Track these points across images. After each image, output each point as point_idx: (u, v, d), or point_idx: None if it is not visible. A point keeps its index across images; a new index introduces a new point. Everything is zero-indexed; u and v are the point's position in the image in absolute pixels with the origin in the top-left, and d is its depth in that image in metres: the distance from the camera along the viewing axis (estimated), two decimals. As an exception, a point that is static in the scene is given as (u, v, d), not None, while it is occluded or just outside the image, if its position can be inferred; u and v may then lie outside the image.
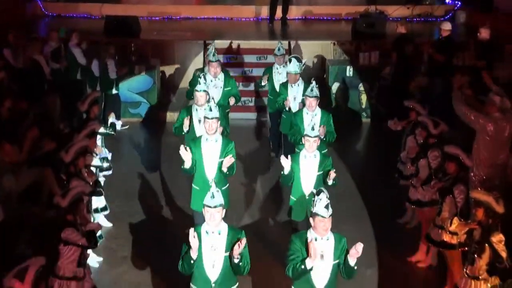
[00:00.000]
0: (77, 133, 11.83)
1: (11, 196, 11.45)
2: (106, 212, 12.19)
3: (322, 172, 10.01)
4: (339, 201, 12.07)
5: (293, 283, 7.94)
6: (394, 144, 13.81)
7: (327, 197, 7.61)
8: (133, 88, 18.09)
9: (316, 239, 7.62)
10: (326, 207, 7.56)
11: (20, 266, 8.40)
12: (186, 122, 11.09)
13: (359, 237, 11.86)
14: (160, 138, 16.97)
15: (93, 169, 11.48)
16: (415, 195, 11.86)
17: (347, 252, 7.69)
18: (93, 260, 11.28)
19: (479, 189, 10.50)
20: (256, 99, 18.99)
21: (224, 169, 9.88)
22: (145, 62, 18.71)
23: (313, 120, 10.91)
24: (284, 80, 13.52)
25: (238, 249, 7.49)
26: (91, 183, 10.77)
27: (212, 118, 9.90)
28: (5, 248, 10.54)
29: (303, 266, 7.55)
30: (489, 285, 9.44)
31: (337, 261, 7.78)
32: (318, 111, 11.78)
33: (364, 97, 18.77)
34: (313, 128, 10.07)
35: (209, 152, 10.05)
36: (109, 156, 12.62)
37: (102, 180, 12.09)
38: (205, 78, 12.19)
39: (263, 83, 14.44)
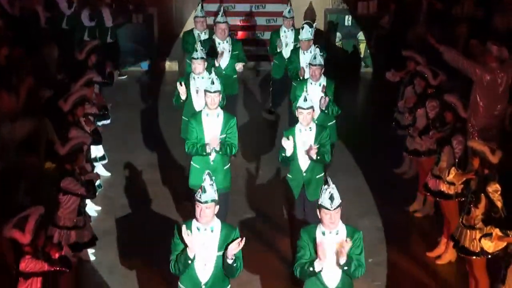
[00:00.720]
0: (74, 82, 11.87)
1: (9, 146, 11.49)
2: (105, 162, 12.33)
3: (320, 143, 9.57)
4: (336, 152, 12.24)
5: (304, 282, 7.51)
6: (393, 94, 13.85)
7: (332, 186, 7.16)
8: (131, 37, 18.00)
9: (324, 234, 7.21)
10: (331, 198, 7.10)
11: (20, 215, 8.41)
12: (182, 89, 10.78)
13: (356, 186, 12.28)
14: (159, 87, 16.97)
15: (91, 118, 11.50)
16: (413, 145, 11.83)
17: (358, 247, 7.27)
18: (91, 209, 11.40)
19: (476, 138, 10.59)
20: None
21: (217, 148, 9.68)
22: (142, 10, 18.57)
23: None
24: (291, 45, 13.26)
25: (235, 249, 7.09)
26: (89, 132, 10.82)
27: (214, 92, 9.62)
28: (4, 198, 10.58)
29: (311, 269, 7.18)
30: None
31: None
32: (323, 80, 11.36)
33: (363, 46, 18.76)
34: (305, 99, 9.69)
35: (210, 127, 9.77)
36: (108, 106, 12.61)
37: (100, 129, 12.09)
38: (201, 44, 11.74)
39: (278, 50, 13.77)
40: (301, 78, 12.12)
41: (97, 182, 10.87)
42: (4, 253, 9.33)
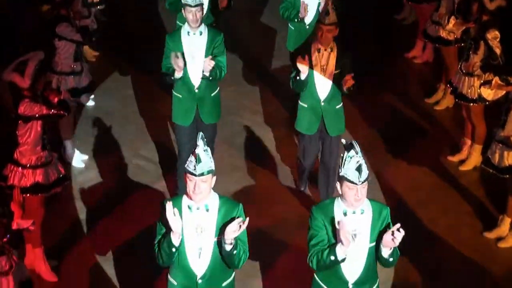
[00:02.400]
0: None
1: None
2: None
3: (340, 70, 8.49)
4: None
5: (317, 273, 6.26)
6: None
7: (360, 155, 5.83)
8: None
9: (345, 213, 5.90)
10: (358, 169, 5.77)
11: (19, 60, 8.27)
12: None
13: (355, 33, 12.04)
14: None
15: None
16: (436, 30, 11.08)
17: (387, 228, 5.94)
18: (78, 159, 10.85)
19: None
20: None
21: (206, 74, 8.61)
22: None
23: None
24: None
25: (235, 231, 5.75)
26: None
27: (196, 6, 8.52)
28: (2, 44, 10.62)
29: (332, 257, 5.86)
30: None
31: (374, 243, 6.03)
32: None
33: None
34: (327, 13, 8.53)
35: (192, 49, 8.74)
36: None
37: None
38: None
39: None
40: (299, 19, 10.20)
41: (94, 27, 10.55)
42: (3, 97, 9.39)
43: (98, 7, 11.73)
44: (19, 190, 7.80)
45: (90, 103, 11.15)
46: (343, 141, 5.92)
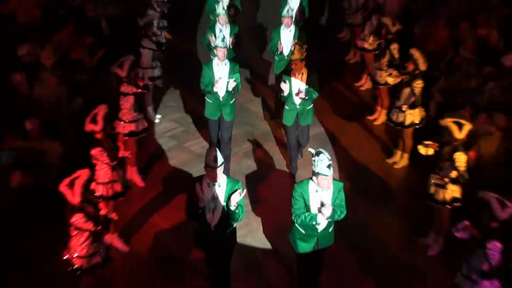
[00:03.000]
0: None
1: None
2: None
3: (309, 86, 9.07)
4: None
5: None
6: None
7: (328, 158, 6.54)
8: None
9: (317, 191, 6.68)
10: (328, 166, 6.52)
11: (120, 60, 8.87)
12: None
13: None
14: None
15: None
16: (362, 43, 11.56)
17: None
18: (155, 117, 11.18)
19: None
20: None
21: (230, 89, 9.08)
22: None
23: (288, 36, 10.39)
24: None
25: (236, 198, 6.61)
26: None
27: (223, 47, 8.97)
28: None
29: (314, 222, 6.71)
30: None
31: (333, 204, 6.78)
32: (293, 28, 10.48)
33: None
34: (293, 52, 9.06)
35: (220, 74, 9.07)
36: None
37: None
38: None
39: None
40: (279, 52, 10.46)
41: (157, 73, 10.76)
42: (112, 80, 9.54)
43: (166, 30, 12.37)
44: (122, 135, 9.03)
45: (160, 85, 11.50)
46: (312, 150, 6.62)
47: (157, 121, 11.09)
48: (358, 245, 8.38)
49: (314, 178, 6.66)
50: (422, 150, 7.98)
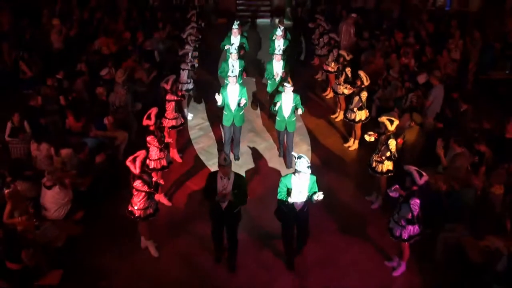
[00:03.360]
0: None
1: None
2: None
3: (295, 104, 8.45)
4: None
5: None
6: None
7: (307, 161, 6.22)
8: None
9: (297, 182, 6.33)
10: (308, 167, 6.21)
11: (166, 78, 8.55)
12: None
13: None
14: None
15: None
16: (327, 67, 11.06)
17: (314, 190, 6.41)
18: (189, 116, 10.57)
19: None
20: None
21: (241, 105, 8.60)
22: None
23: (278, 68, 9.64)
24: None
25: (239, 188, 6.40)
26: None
27: (233, 76, 8.51)
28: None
29: (287, 203, 6.35)
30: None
31: (308, 193, 6.44)
32: (281, 62, 9.69)
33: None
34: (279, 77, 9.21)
35: (232, 94, 8.59)
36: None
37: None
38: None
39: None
40: (274, 78, 9.79)
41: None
42: (161, 92, 9.25)
43: (197, 58, 11.15)
44: (167, 127, 8.75)
45: (193, 95, 11.09)
46: (295, 154, 6.33)
47: (190, 118, 10.71)
48: (326, 200, 7.31)
49: (296, 174, 6.30)
50: (367, 137, 7.80)
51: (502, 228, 6.54)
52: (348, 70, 10.05)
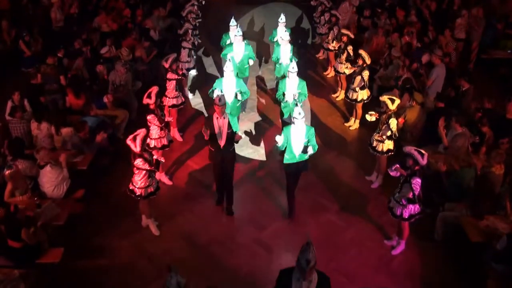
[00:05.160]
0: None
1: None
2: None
3: (307, 139, 6.82)
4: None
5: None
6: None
7: (301, 110, 6.55)
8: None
9: (295, 131, 6.61)
10: (299, 113, 6.48)
11: (166, 57, 8.43)
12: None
13: None
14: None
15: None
16: (328, 46, 10.76)
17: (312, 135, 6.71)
18: (189, 95, 10.39)
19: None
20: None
21: (239, 98, 8.14)
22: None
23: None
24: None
25: (238, 138, 6.82)
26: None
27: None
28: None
29: (285, 151, 6.80)
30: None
31: (306, 139, 6.70)
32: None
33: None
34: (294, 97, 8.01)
35: (228, 87, 8.09)
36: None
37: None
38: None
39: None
40: (281, 63, 9.23)
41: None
42: (160, 70, 9.27)
43: (197, 37, 11.12)
44: (167, 106, 8.66)
45: (194, 73, 11.12)
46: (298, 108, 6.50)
47: (190, 97, 10.61)
48: (327, 179, 8.20)
49: (293, 124, 6.60)
50: (368, 117, 7.75)
51: (502, 208, 6.49)
52: (350, 48, 9.94)
